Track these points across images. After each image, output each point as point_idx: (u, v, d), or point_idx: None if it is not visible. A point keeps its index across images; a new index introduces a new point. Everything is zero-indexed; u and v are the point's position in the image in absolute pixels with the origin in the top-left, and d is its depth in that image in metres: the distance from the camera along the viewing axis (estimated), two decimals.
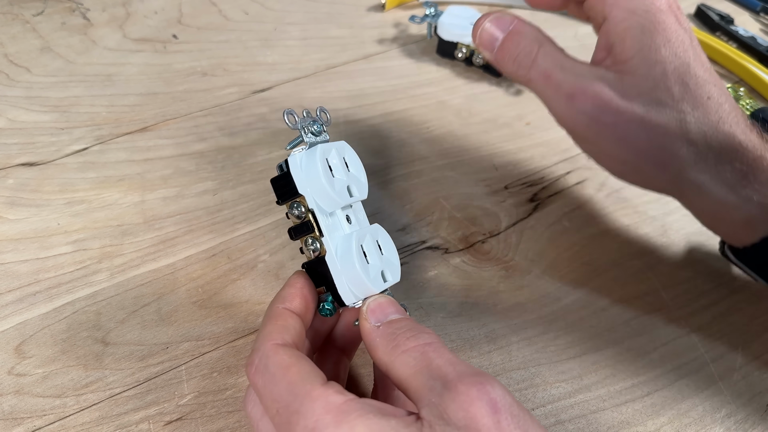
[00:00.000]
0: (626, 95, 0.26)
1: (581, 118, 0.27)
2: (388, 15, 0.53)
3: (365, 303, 0.25)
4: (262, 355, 0.23)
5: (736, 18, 0.55)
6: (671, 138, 0.26)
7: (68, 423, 0.28)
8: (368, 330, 0.24)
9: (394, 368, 0.22)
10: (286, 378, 0.21)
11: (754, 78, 0.47)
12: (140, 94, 0.43)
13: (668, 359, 0.32)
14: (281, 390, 0.21)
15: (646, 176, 0.29)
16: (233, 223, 0.36)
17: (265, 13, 0.52)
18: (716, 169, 0.27)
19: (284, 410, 0.21)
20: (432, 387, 0.20)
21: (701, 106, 0.27)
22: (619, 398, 0.30)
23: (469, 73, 0.48)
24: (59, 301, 0.32)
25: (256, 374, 0.22)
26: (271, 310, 0.25)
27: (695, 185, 0.28)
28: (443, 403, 0.19)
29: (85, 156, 0.39)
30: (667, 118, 0.26)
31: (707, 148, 0.27)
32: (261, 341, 0.23)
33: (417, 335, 0.22)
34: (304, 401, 0.20)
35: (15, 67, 0.44)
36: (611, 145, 0.27)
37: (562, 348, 0.32)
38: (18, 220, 0.35)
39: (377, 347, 0.23)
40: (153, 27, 0.49)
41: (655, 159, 0.27)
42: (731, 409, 0.30)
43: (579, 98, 0.27)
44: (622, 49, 0.27)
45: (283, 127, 0.42)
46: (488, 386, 0.20)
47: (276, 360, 0.22)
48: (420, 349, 0.22)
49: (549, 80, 0.28)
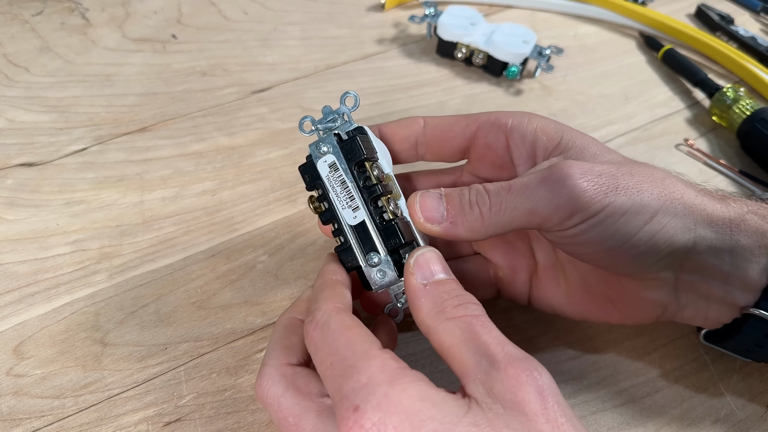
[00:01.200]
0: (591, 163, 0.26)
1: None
2: (387, 15, 0.53)
3: (412, 256, 0.24)
4: (324, 313, 0.23)
5: (736, 18, 0.55)
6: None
7: (67, 424, 0.28)
8: (414, 287, 0.24)
9: (437, 333, 0.22)
10: (347, 336, 0.22)
11: (754, 78, 0.47)
12: (139, 95, 0.43)
13: (668, 360, 0.32)
14: (340, 345, 0.21)
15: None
16: (232, 224, 0.36)
17: (265, 13, 0.52)
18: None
19: (339, 363, 0.21)
20: (478, 363, 0.20)
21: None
22: (619, 399, 0.30)
23: (469, 73, 0.48)
24: (58, 301, 0.32)
25: (315, 329, 0.23)
26: (324, 280, 0.26)
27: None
28: (490, 382, 0.20)
29: (84, 156, 0.39)
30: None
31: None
32: (322, 302, 0.24)
33: (464, 305, 0.22)
34: (361, 358, 0.21)
35: (14, 67, 0.44)
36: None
37: (562, 348, 0.32)
38: (17, 221, 0.35)
39: (421, 308, 0.23)
40: (152, 27, 0.49)
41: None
42: (731, 410, 0.30)
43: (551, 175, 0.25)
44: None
45: (282, 127, 0.42)
46: (536, 372, 0.20)
47: (338, 319, 0.22)
48: (467, 320, 0.22)
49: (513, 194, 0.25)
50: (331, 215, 0.27)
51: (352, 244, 0.26)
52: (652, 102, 0.47)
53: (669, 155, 0.43)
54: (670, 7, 0.57)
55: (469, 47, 0.47)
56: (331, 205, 0.26)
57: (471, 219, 0.25)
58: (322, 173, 0.26)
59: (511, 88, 0.47)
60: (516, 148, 0.28)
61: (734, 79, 0.49)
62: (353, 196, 0.26)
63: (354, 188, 0.26)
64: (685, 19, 0.56)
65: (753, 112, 0.42)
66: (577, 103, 0.46)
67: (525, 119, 0.28)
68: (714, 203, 0.26)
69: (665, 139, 0.44)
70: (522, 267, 0.31)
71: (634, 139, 0.44)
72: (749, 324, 0.26)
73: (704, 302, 0.27)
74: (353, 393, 0.20)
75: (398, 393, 0.19)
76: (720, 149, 0.44)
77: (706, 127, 0.45)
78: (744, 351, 0.28)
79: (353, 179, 0.26)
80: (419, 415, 0.19)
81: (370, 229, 0.26)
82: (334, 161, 0.26)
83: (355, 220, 0.26)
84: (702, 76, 0.47)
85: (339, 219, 0.26)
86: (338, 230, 0.27)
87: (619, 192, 0.24)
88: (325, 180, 0.26)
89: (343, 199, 0.26)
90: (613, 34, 0.53)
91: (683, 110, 0.46)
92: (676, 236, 0.25)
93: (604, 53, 0.51)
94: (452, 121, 0.29)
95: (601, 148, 0.27)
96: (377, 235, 0.26)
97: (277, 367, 0.24)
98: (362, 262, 0.26)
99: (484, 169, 0.30)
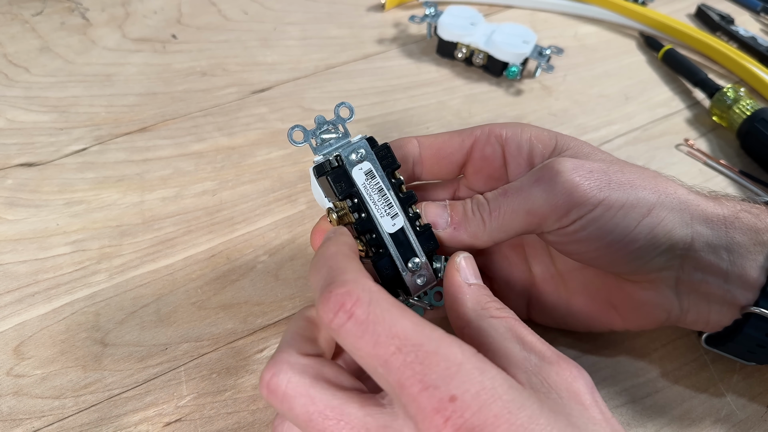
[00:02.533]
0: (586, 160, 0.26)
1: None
2: (387, 15, 0.53)
3: (458, 255, 0.25)
4: (365, 289, 0.20)
5: (736, 18, 0.55)
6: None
7: (67, 424, 0.28)
8: (459, 283, 0.24)
9: (479, 329, 0.22)
10: (409, 318, 0.19)
11: (754, 78, 0.47)
12: (139, 94, 0.43)
13: (668, 360, 0.32)
14: (405, 327, 0.19)
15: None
16: (232, 224, 0.36)
17: (265, 12, 0.52)
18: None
19: (413, 349, 0.19)
20: (527, 358, 0.21)
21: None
22: (619, 399, 0.30)
23: (469, 73, 0.48)
24: (58, 302, 0.32)
25: (359, 306, 0.19)
26: (338, 248, 0.23)
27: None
28: (543, 372, 0.20)
29: (84, 156, 0.39)
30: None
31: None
32: (354, 274, 0.21)
33: (504, 309, 0.23)
34: (441, 343, 0.19)
35: (14, 67, 0.44)
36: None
37: (562, 349, 0.32)
38: (17, 221, 0.35)
39: (465, 303, 0.23)
40: (152, 27, 0.49)
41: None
42: (731, 411, 0.30)
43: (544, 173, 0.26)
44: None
45: (282, 127, 0.42)
46: (582, 371, 0.21)
47: (386, 297, 0.20)
48: (509, 321, 0.22)
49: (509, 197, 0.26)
50: (368, 225, 0.26)
51: (392, 253, 0.26)
52: (652, 102, 0.47)
53: (669, 155, 0.43)
54: (670, 7, 0.57)
55: (470, 47, 0.47)
56: (369, 215, 0.26)
57: (473, 224, 0.26)
58: (358, 181, 0.25)
59: (512, 88, 0.47)
60: (513, 159, 0.28)
61: (734, 80, 0.49)
62: (391, 203, 0.26)
63: (392, 196, 0.26)
64: (685, 19, 0.56)
65: (753, 113, 0.42)
66: (578, 103, 0.46)
67: (518, 129, 0.28)
68: (707, 201, 0.26)
69: (665, 139, 0.44)
70: (517, 280, 0.31)
71: (634, 139, 0.44)
72: (750, 324, 0.26)
73: (705, 303, 0.27)
74: (444, 381, 0.18)
75: (491, 381, 0.18)
76: (720, 149, 0.44)
77: (707, 127, 0.45)
78: (746, 353, 0.28)
79: (390, 186, 0.26)
80: (514, 404, 0.18)
81: (408, 234, 0.26)
82: (370, 169, 0.26)
83: (394, 228, 0.26)
84: (702, 76, 0.47)
85: (377, 228, 0.26)
86: (374, 239, 0.26)
87: (612, 187, 0.25)
88: (361, 188, 0.25)
89: (381, 207, 0.26)
90: (614, 34, 0.53)
91: (683, 110, 0.46)
92: (675, 230, 0.25)
93: (604, 53, 0.51)
94: (446, 138, 0.29)
95: (594, 150, 0.27)
96: (415, 241, 0.26)
97: (298, 357, 0.21)
98: (402, 269, 0.26)
99: (481, 181, 0.30)
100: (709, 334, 0.29)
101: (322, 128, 0.27)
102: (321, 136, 0.27)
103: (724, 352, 0.29)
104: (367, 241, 0.26)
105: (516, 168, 0.28)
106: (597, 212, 0.24)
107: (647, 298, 0.27)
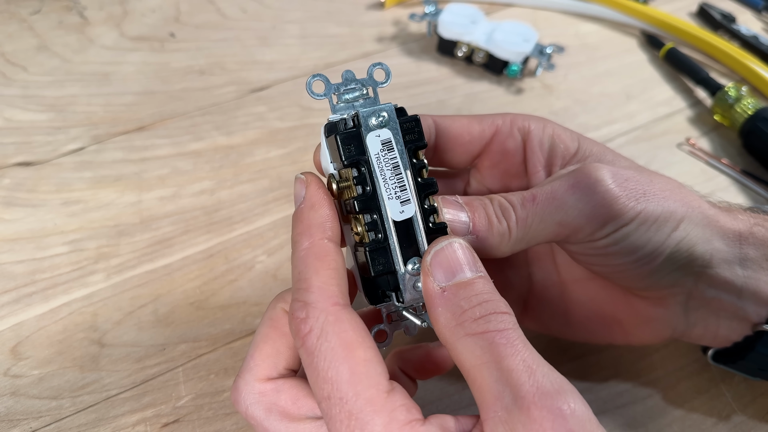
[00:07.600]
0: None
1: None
2: (387, 13, 0.53)
3: (429, 252, 0.20)
4: (321, 314, 0.19)
5: (738, 17, 0.54)
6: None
7: (64, 425, 0.27)
8: (430, 293, 0.20)
9: (456, 350, 0.19)
10: (349, 363, 0.18)
11: (756, 77, 0.47)
12: (137, 93, 0.43)
13: (670, 361, 0.31)
14: (341, 375, 0.18)
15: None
16: (230, 224, 0.36)
17: (264, 11, 0.52)
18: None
19: (339, 402, 0.18)
20: (499, 395, 0.17)
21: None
22: (621, 400, 0.30)
23: (470, 71, 0.48)
24: (55, 302, 0.32)
25: (310, 336, 0.18)
26: (312, 243, 0.20)
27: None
28: (511, 423, 0.17)
29: (81, 155, 0.39)
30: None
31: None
32: (318, 294, 0.19)
33: (487, 316, 0.18)
34: (364, 408, 0.18)
35: (11, 65, 0.44)
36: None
37: (564, 349, 0.32)
38: (14, 220, 0.35)
39: (438, 318, 0.19)
40: (150, 25, 0.49)
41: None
42: (732, 411, 0.30)
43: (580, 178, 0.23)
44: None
45: (281, 126, 0.42)
46: (567, 407, 0.17)
47: (338, 330, 0.18)
48: (489, 337, 0.18)
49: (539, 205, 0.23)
50: (371, 204, 0.21)
51: (391, 244, 0.21)
52: (653, 101, 0.47)
53: (671, 154, 0.43)
54: (671, 6, 0.56)
55: (470, 46, 0.46)
56: (375, 191, 0.21)
57: (498, 234, 0.22)
58: (371, 149, 0.21)
59: (512, 87, 0.47)
60: (533, 155, 0.26)
61: (736, 78, 0.49)
62: (405, 186, 0.21)
63: (408, 177, 0.21)
64: (687, 18, 0.55)
65: (755, 112, 0.42)
66: (579, 102, 0.46)
67: (542, 124, 0.26)
68: (723, 215, 0.25)
69: (667, 138, 0.44)
70: (514, 284, 0.29)
71: (636, 138, 0.43)
72: (763, 342, 0.25)
73: (714, 318, 0.26)
74: None
75: None
76: (722, 148, 0.43)
77: (708, 126, 0.45)
78: (756, 370, 0.27)
79: (409, 166, 0.21)
80: None
81: (417, 229, 0.21)
82: (389, 139, 0.21)
83: (402, 216, 0.21)
84: (704, 75, 0.46)
85: (380, 210, 0.21)
86: (373, 224, 0.21)
87: (648, 198, 0.23)
88: (373, 158, 0.21)
89: (392, 186, 0.21)
90: (615, 32, 0.53)
91: (685, 109, 0.46)
92: (697, 246, 0.24)
93: (605, 52, 0.51)
94: (465, 123, 0.26)
95: (617, 156, 0.26)
96: (424, 239, 0.22)
97: (254, 383, 0.21)
98: (400, 267, 0.21)
99: (496, 177, 0.27)
100: (717, 350, 0.28)
101: (348, 85, 0.23)
102: (345, 96, 0.23)
103: (734, 370, 0.28)
104: (365, 224, 0.21)
105: (535, 166, 0.26)
106: (632, 226, 0.22)
107: (655, 315, 0.26)
